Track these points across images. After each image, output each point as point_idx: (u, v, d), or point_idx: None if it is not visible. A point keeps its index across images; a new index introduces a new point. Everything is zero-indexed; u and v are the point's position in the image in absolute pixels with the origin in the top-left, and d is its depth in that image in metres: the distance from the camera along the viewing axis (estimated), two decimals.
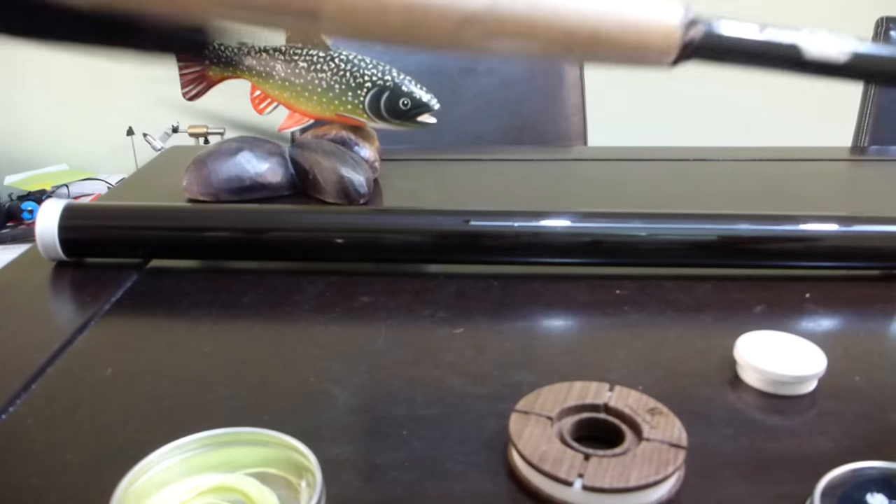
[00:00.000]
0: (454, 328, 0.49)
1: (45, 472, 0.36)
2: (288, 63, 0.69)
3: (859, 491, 0.30)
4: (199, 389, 0.42)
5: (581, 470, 0.32)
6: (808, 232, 0.54)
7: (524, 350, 0.46)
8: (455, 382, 0.43)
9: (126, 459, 0.30)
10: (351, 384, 0.43)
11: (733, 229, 0.55)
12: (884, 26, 1.15)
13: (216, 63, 0.72)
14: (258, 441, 0.32)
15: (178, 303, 0.53)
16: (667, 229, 0.55)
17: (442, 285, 0.55)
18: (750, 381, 0.42)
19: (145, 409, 0.41)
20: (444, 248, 0.55)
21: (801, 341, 0.43)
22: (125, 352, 0.47)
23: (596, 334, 0.50)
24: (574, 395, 0.37)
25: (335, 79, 0.67)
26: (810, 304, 0.52)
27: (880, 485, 0.31)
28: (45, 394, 0.42)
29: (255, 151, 0.71)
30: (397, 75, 0.67)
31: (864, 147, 1.15)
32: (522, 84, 1.20)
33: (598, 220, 0.55)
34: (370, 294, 0.53)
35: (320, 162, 0.69)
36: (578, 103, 1.20)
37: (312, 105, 0.69)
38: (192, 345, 0.47)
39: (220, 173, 0.70)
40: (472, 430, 0.39)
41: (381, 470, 0.36)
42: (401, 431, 0.38)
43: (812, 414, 0.40)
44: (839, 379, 0.43)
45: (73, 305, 0.53)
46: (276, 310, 0.52)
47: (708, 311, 0.51)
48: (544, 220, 0.54)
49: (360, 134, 0.73)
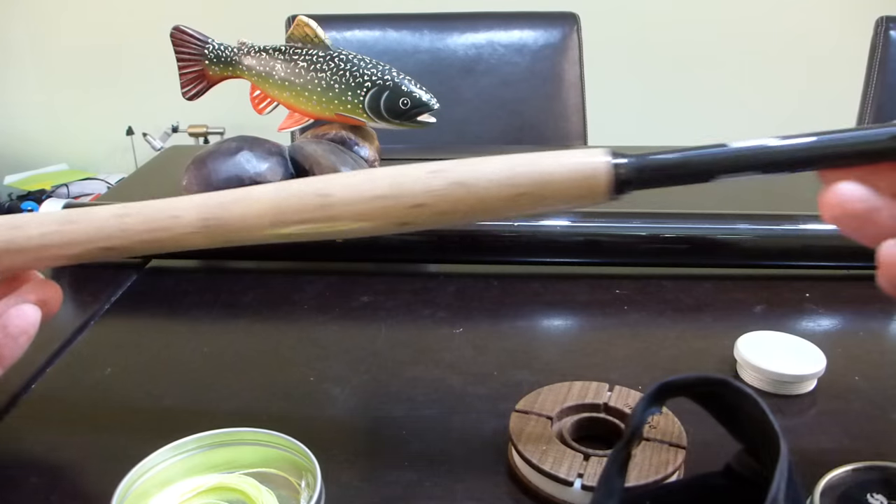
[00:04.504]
0: (454, 328, 0.49)
1: (45, 472, 0.36)
2: (288, 63, 0.68)
3: (859, 491, 0.30)
4: (199, 389, 0.42)
5: (581, 470, 0.32)
6: (808, 232, 0.54)
7: (524, 350, 0.46)
8: (455, 382, 0.43)
9: (126, 459, 0.30)
10: (351, 384, 0.43)
11: (733, 229, 0.55)
12: (884, 26, 1.15)
13: (216, 63, 0.72)
14: (258, 441, 0.32)
15: (177, 303, 0.53)
16: (666, 229, 0.55)
17: (442, 285, 0.55)
18: (750, 380, 0.42)
19: (145, 409, 0.41)
20: (444, 248, 0.55)
21: (801, 341, 0.43)
22: (125, 351, 0.47)
23: (596, 334, 0.50)
24: (574, 395, 0.37)
25: (335, 78, 0.67)
26: (810, 304, 0.52)
27: (880, 485, 0.31)
28: (45, 394, 0.42)
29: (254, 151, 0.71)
30: (397, 75, 0.67)
31: None
32: (522, 84, 1.20)
33: (598, 219, 0.55)
34: (370, 294, 0.53)
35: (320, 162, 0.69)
36: (578, 103, 1.20)
37: (312, 105, 0.69)
38: (192, 345, 0.47)
39: (219, 173, 0.70)
40: (472, 430, 0.38)
41: (381, 470, 0.36)
42: (401, 431, 0.38)
43: (812, 414, 0.40)
44: (839, 379, 0.43)
45: (73, 305, 0.53)
46: (276, 310, 0.52)
47: (708, 311, 0.51)
48: (544, 219, 0.54)
49: (360, 134, 0.73)
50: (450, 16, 1.23)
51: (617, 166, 0.28)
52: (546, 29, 1.20)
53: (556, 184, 0.28)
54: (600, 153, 0.28)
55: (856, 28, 1.38)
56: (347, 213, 0.31)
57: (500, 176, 0.29)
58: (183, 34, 0.72)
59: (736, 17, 1.92)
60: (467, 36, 1.20)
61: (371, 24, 1.20)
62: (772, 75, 1.95)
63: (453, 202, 0.29)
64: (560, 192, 0.28)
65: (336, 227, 0.31)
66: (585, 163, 0.28)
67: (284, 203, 0.32)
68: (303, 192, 0.32)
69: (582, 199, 0.28)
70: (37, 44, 2.09)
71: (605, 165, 0.28)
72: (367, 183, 0.31)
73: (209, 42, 0.71)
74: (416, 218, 0.30)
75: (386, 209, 0.30)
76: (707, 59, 1.95)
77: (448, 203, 0.29)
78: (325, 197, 0.31)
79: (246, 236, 0.33)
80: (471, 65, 1.19)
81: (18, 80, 2.13)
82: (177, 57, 0.72)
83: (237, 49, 0.71)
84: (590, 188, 0.28)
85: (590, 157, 0.28)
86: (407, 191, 0.30)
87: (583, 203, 0.29)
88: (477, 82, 1.20)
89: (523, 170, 0.29)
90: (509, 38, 1.20)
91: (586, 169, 0.28)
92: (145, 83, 2.03)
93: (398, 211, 0.30)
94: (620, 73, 1.94)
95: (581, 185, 0.28)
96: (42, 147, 2.17)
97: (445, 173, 0.30)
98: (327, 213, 0.31)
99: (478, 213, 0.30)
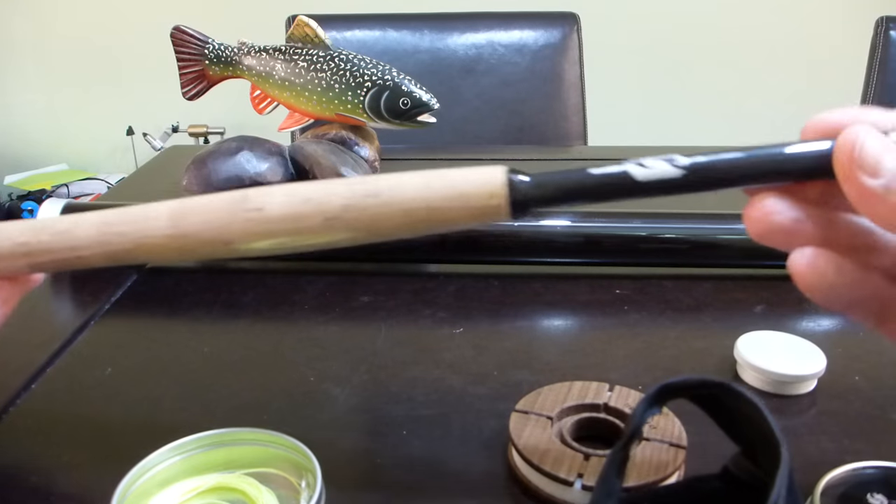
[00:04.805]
0: (454, 328, 0.49)
1: (45, 472, 0.36)
2: (288, 63, 0.68)
3: (859, 491, 0.30)
4: (199, 389, 0.42)
5: (581, 470, 0.32)
6: None
7: (524, 350, 0.46)
8: (455, 382, 0.43)
9: (126, 459, 0.30)
10: (351, 384, 0.43)
11: (733, 229, 0.55)
12: (884, 26, 1.15)
13: (216, 63, 0.72)
14: (258, 441, 0.32)
15: (178, 303, 0.53)
16: (667, 229, 0.55)
17: (442, 285, 0.55)
18: (750, 380, 0.42)
19: (145, 409, 0.41)
20: (444, 248, 0.55)
21: (801, 341, 0.43)
22: (125, 352, 0.47)
23: (596, 334, 0.50)
24: (574, 395, 0.37)
25: (335, 78, 0.67)
26: (810, 304, 0.52)
27: (880, 485, 0.31)
28: (45, 394, 0.42)
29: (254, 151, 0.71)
30: (397, 75, 0.67)
31: None
32: (522, 84, 1.20)
33: (598, 219, 0.55)
34: (370, 294, 0.53)
35: (320, 162, 0.69)
36: (578, 103, 1.20)
37: (312, 105, 0.69)
38: (192, 345, 0.47)
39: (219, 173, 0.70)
40: (472, 430, 0.38)
41: (381, 470, 0.36)
42: (401, 431, 0.38)
43: (812, 414, 0.40)
44: (839, 379, 0.43)
45: (73, 305, 0.53)
46: (276, 310, 0.52)
47: (708, 311, 0.51)
48: (544, 219, 0.54)
49: (360, 134, 0.73)
50: (450, 16, 1.23)
51: (514, 184, 0.28)
52: (546, 29, 1.20)
53: (459, 199, 0.29)
54: (499, 172, 0.29)
55: (856, 28, 1.38)
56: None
57: (414, 192, 0.29)
58: (183, 34, 0.72)
59: (736, 18, 1.92)
60: (467, 36, 1.20)
61: (371, 24, 1.20)
62: (772, 75, 1.95)
63: (367, 218, 0.30)
64: (462, 207, 0.29)
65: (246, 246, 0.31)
66: (485, 181, 0.28)
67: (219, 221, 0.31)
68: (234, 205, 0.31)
69: (484, 217, 0.29)
70: (37, 43, 2.09)
71: (502, 184, 0.28)
72: (289, 196, 0.31)
73: (209, 42, 0.71)
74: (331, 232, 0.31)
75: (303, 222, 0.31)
76: (707, 60, 1.95)
77: (361, 218, 0.30)
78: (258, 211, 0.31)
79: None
80: (471, 65, 1.19)
81: (19, 80, 2.13)
82: (177, 57, 0.72)
83: (237, 49, 0.71)
84: (491, 207, 0.28)
85: (489, 175, 0.29)
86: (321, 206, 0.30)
87: (485, 220, 0.29)
88: (477, 82, 1.20)
89: (429, 186, 0.29)
90: (509, 38, 1.20)
91: (486, 189, 0.28)
92: (145, 83, 2.03)
93: (314, 224, 0.31)
94: (620, 73, 1.94)
95: (483, 203, 0.28)
96: (42, 147, 2.17)
97: (358, 186, 0.30)
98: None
99: (381, 230, 0.30)
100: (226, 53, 0.71)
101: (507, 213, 0.28)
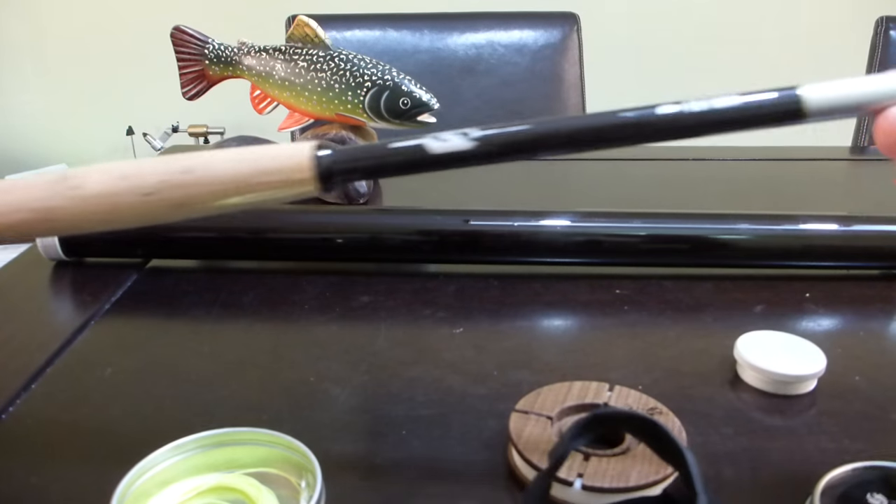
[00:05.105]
0: (454, 328, 0.49)
1: (45, 472, 0.36)
2: (288, 63, 0.69)
3: (859, 491, 0.30)
4: (199, 389, 0.42)
5: (581, 470, 0.32)
6: (808, 232, 0.54)
7: (524, 350, 0.46)
8: (455, 382, 0.43)
9: (126, 459, 0.30)
10: (351, 384, 0.43)
11: (733, 229, 0.55)
12: (884, 26, 1.15)
13: (216, 63, 0.72)
14: (258, 441, 0.32)
15: (177, 303, 0.53)
16: (666, 229, 0.55)
17: (442, 285, 0.55)
18: (750, 380, 0.42)
19: (145, 409, 0.41)
20: (444, 248, 0.55)
21: (801, 341, 0.43)
22: (125, 351, 0.47)
23: (596, 334, 0.50)
24: (574, 395, 0.37)
25: (335, 78, 0.67)
26: (810, 304, 0.52)
27: (880, 485, 0.31)
28: (45, 394, 0.42)
29: None
30: (397, 75, 0.67)
31: (864, 147, 1.15)
32: (522, 84, 1.20)
33: (598, 219, 0.55)
34: (370, 294, 0.53)
35: None
36: (578, 103, 1.20)
37: (312, 105, 0.69)
38: (192, 345, 0.47)
39: None
40: (472, 430, 0.38)
41: (381, 470, 0.36)
42: (401, 431, 0.38)
43: (812, 414, 0.40)
44: (839, 379, 0.43)
45: (73, 305, 0.53)
46: (276, 310, 0.52)
47: (708, 311, 0.51)
48: (544, 219, 0.54)
49: (360, 134, 0.73)
50: (450, 16, 1.23)
51: (319, 158, 0.31)
52: (546, 29, 1.20)
53: (269, 174, 0.31)
54: (307, 147, 0.31)
55: (856, 28, 1.38)
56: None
57: (226, 168, 0.31)
58: (183, 34, 0.72)
59: (736, 18, 1.92)
60: (467, 36, 1.20)
61: (371, 24, 1.20)
62: (771, 75, 1.95)
63: (180, 192, 0.31)
64: (272, 181, 0.31)
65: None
66: (293, 154, 0.31)
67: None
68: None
69: (293, 189, 0.31)
70: (36, 43, 2.09)
71: (309, 157, 0.31)
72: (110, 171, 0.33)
73: (209, 42, 0.72)
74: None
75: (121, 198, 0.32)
76: (707, 60, 1.96)
77: (176, 194, 0.31)
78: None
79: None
80: (471, 65, 1.20)
81: (18, 80, 2.13)
82: (177, 57, 0.72)
83: (237, 49, 0.71)
84: (299, 180, 0.31)
85: (297, 149, 0.31)
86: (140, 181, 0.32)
87: (295, 193, 0.31)
88: (477, 82, 1.20)
89: (241, 162, 0.31)
90: (509, 38, 1.20)
91: (293, 162, 0.31)
92: (145, 83, 2.03)
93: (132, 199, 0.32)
94: (620, 73, 1.94)
95: (292, 177, 0.31)
96: (42, 147, 2.17)
97: (173, 163, 0.32)
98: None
99: (197, 206, 0.32)
100: (226, 53, 0.71)
101: (315, 185, 0.30)
